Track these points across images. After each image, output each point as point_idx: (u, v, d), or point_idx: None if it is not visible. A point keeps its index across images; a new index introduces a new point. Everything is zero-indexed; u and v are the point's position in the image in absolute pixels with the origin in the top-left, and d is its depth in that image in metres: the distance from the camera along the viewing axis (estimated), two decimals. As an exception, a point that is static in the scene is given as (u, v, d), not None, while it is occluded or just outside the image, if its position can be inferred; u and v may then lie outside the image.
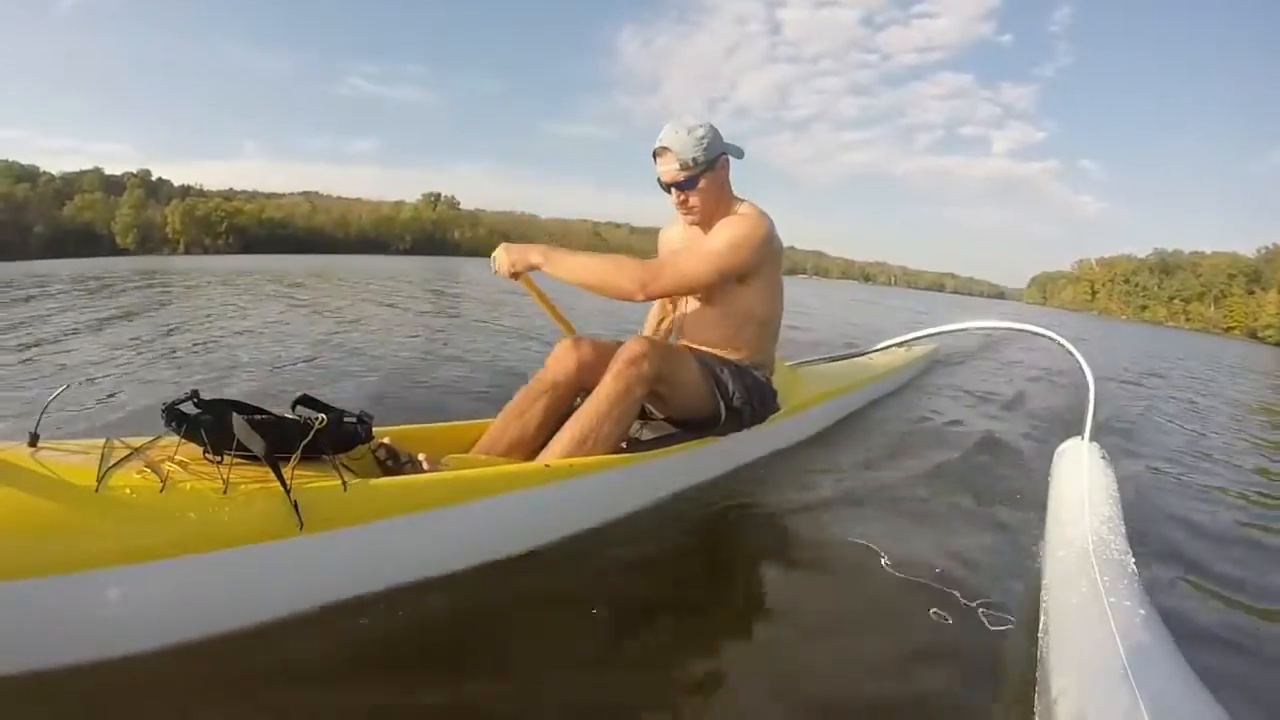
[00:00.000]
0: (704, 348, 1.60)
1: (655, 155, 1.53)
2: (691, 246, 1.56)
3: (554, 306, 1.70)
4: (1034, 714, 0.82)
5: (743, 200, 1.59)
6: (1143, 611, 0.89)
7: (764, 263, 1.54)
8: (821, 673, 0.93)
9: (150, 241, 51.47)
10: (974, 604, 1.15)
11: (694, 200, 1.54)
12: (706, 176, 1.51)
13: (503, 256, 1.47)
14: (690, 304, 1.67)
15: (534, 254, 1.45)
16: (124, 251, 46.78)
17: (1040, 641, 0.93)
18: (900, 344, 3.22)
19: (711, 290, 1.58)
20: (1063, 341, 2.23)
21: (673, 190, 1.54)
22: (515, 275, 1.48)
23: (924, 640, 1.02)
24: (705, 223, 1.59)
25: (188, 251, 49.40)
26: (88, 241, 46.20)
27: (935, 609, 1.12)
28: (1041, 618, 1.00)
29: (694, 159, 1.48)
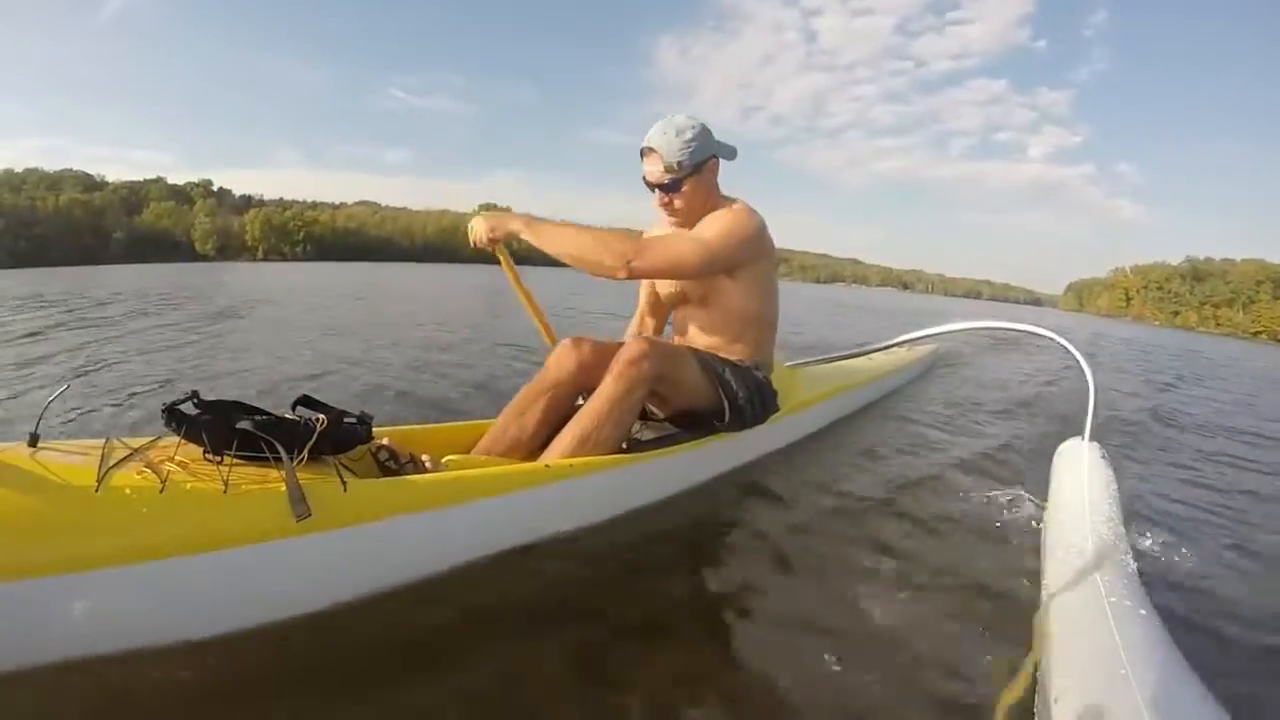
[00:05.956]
0: (705, 348, 1.60)
1: (642, 154, 1.53)
2: (680, 232, 1.54)
3: (529, 293, 1.64)
4: (1034, 714, 0.81)
5: (734, 200, 1.58)
6: (1143, 611, 0.89)
7: (754, 259, 1.54)
8: (820, 674, 0.93)
9: (229, 249, 52.32)
10: (972, 605, 1.15)
11: (678, 203, 1.54)
12: (691, 180, 1.51)
13: (480, 225, 1.43)
14: (688, 306, 1.67)
15: (514, 222, 1.41)
16: (204, 257, 47.81)
17: (1040, 642, 0.93)
18: (901, 344, 3.21)
19: (705, 289, 1.57)
20: (1063, 342, 2.22)
21: (656, 191, 1.54)
22: (492, 243, 1.44)
23: (922, 641, 1.02)
24: (688, 225, 1.58)
25: (266, 258, 50.16)
26: (166, 248, 47.38)
27: (933, 610, 1.12)
28: (1041, 618, 1.00)
29: (678, 163, 1.48)
